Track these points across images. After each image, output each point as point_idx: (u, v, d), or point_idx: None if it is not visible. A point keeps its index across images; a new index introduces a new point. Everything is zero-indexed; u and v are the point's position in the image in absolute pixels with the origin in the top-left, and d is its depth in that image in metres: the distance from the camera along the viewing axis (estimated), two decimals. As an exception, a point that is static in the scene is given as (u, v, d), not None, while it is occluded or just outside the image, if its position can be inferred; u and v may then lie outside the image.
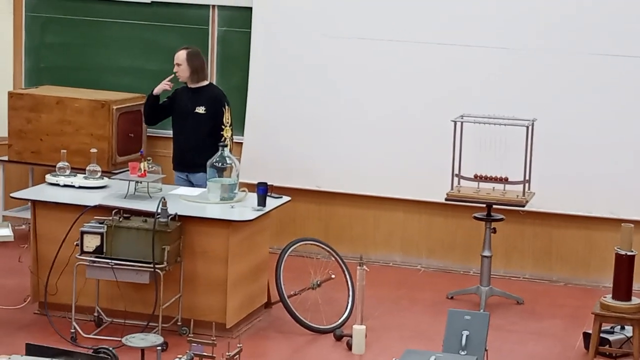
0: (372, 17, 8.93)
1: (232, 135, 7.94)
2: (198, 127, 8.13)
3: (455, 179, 8.09)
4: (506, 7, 8.65)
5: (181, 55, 8.19)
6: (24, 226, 9.37)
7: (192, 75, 8.19)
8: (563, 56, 8.56)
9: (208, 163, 7.54)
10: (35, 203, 7.57)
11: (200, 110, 8.16)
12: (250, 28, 9.21)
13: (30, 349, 5.30)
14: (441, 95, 8.80)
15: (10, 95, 9.24)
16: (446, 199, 8.12)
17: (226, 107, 8.03)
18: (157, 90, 8.25)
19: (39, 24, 9.76)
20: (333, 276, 7.73)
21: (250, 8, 9.18)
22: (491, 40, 8.68)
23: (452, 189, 8.09)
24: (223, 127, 7.97)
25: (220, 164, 7.53)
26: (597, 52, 8.49)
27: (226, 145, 7.58)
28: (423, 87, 8.87)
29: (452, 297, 8.31)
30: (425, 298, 8.33)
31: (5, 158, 9.32)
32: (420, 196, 8.94)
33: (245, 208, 7.42)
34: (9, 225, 7.31)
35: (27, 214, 8.44)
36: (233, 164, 7.57)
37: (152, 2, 9.44)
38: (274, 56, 9.17)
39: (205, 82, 8.28)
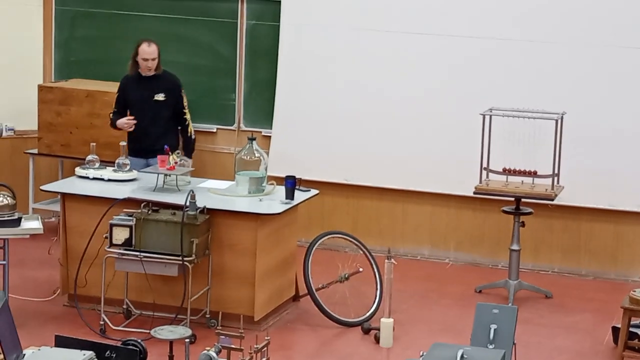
0: (400, 10, 8.90)
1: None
2: (159, 114, 8.24)
3: (484, 172, 8.07)
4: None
5: (156, 50, 8.21)
6: (53, 219, 9.42)
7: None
8: (593, 49, 8.51)
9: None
10: (64, 196, 7.61)
11: (160, 97, 8.22)
12: (279, 21, 9.21)
13: (60, 341, 5.32)
14: (470, 88, 8.77)
15: (40, 88, 9.29)
16: (475, 193, 8.10)
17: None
18: (120, 125, 8.29)
19: (69, 17, 9.80)
20: (361, 269, 7.73)
21: (279, 1, 9.18)
22: (520, 33, 8.63)
23: (480, 182, 8.07)
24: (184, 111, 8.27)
25: (248, 157, 7.56)
26: (627, 45, 8.43)
27: (254, 139, 7.60)
28: (452, 80, 8.84)
29: (480, 291, 8.29)
30: (454, 292, 8.31)
31: (35, 151, 9.37)
32: (449, 190, 8.92)
33: (274, 201, 7.43)
34: (39, 217, 7.35)
35: (57, 207, 8.49)
36: (261, 157, 7.58)
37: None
38: (302, 49, 9.17)
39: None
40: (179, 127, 8.37)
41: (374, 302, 7.61)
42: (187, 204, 7.02)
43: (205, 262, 7.23)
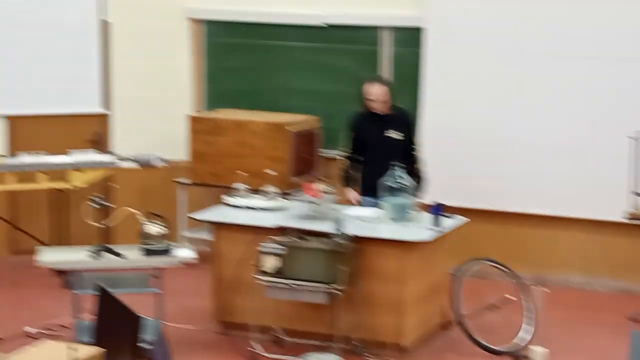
0: (547, 34, 8.79)
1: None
2: (391, 151, 8.09)
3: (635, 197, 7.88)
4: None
5: (380, 92, 8.07)
6: (201, 247, 9.55)
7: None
8: None
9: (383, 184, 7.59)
10: (215, 224, 7.73)
11: (391, 134, 8.15)
12: (420, 47, 9.19)
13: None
14: (618, 111, 8.60)
15: (191, 119, 9.48)
16: (629, 219, 7.91)
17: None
18: (349, 198, 8.13)
19: (218, 49, 9.99)
20: (511, 297, 7.62)
21: (420, 28, 9.17)
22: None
23: (632, 207, 7.87)
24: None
25: (392, 183, 7.55)
26: None
27: (402, 166, 7.60)
28: (599, 103, 8.68)
29: (635, 319, 8.08)
30: (607, 320, 8.12)
31: (185, 180, 9.55)
32: (600, 215, 8.74)
33: (420, 228, 7.39)
34: (191, 246, 7.47)
35: (203, 235, 8.62)
36: (406, 184, 7.56)
37: (328, 25, 9.52)
38: (446, 75, 9.13)
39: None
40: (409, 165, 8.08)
41: (524, 330, 7.49)
42: (335, 231, 7.05)
43: (353, 290, 7.23)
